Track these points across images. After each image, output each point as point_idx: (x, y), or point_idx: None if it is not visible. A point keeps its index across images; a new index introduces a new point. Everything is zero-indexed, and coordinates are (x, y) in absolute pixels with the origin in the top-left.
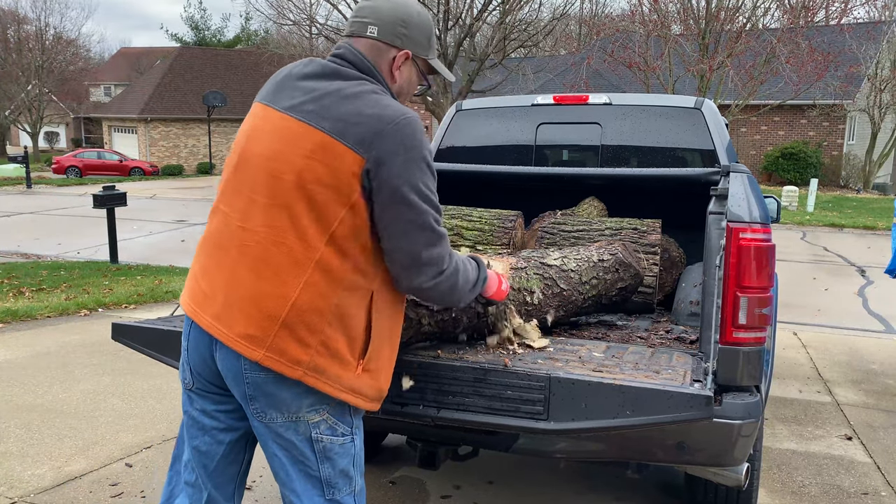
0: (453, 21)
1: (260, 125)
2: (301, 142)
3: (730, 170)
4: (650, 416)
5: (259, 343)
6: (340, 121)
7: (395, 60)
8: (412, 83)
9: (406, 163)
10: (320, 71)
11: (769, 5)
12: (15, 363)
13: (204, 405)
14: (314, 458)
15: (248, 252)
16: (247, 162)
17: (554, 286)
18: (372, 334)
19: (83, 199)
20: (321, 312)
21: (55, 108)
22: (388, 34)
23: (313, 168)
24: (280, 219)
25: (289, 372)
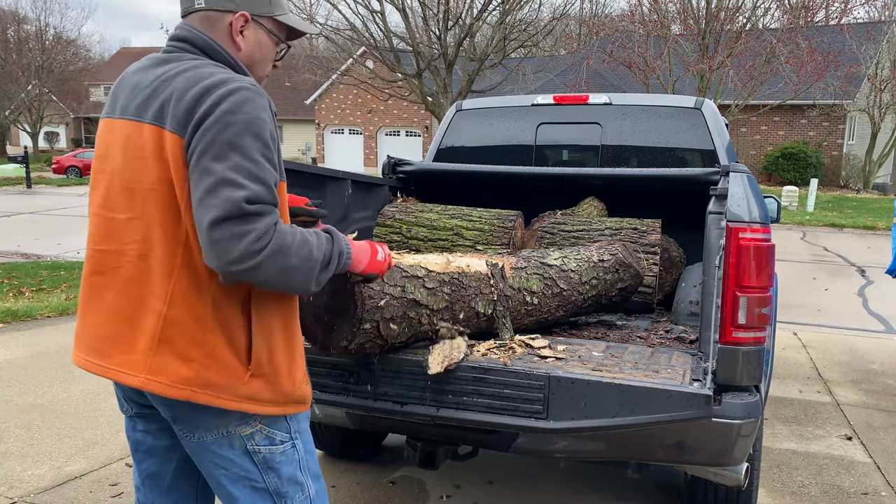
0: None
1: (106, 140)
2: (137, 142)
3: (730, 170)
4: (649, 416)
5: (137, 367)
6: (161, 105)
7: (231, 27)
8: (265, 47)
9: (219, 126)
10: (146, 64)
11: (769, 5)
12: (15, 363)
13: (146, 426)
14: (256, 469)
15: (113, 274)
16: (100, 183)
17: (554, 286)
18: (255, 336)
19: (83, 199)
20: (198, 319)
21: (55, 108)
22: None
23: (153, 165)
24: (140, 230)
25: (175, 394)
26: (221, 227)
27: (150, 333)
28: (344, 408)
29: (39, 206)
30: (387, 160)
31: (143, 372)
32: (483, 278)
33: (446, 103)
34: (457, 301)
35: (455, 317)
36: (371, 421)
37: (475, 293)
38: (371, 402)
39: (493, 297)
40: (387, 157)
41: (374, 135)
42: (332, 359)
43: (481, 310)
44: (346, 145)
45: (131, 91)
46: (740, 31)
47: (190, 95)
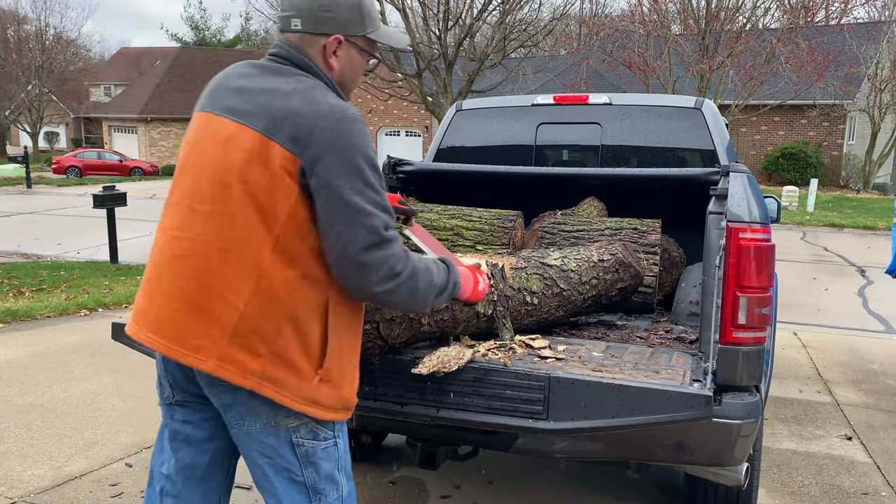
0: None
1: (200, 134)
2: (239, 144)
3: (730, 170)
4: (650, 416)
5: (208, 353)
6: (274, 119)
7: (326, 49)
8: (355, 66)
9: (343, 160)
10: (257, 71)
11: (769, 5)
12: (15, 363)
13: (186, 416)
14: (297, 463)
15: (190, 262)
16: (187, 172)
17: (554, 286)
18: (329, 343)
19: (83, 199)
20: (273, 320)
21: (55, 108)
22: (311, 24)
23: (252, 171)
24: (224, 225)
25: (241, 382)
26: (369, 253)
27: (224, 325)
28: None
29: (39, 206)
30: (387, 160)
31: (213, 358)
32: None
33: (446, 103)
34: (457, 301)
35: (455, 317)
36: (371, 421)
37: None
38: (371, 403)
39: (493, 298)
40: (387, 157)
41: (374, 135)
42: None
43: (481, 310)
44: None
45: (238, 94)
46: (740, 31)
47: (309, 119)
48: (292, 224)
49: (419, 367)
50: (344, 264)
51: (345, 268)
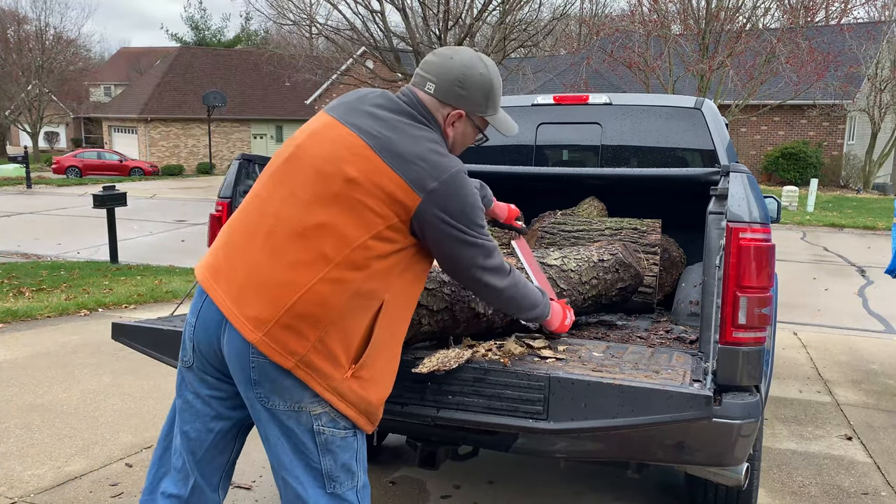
0: (453, 21)
1: (323, 131)
2: (360, 159)
3: (730, 170)
4: (650, 416)
5: (260, 326)
6: (402, 157)
7: (448, 118)
8: (466, 137)
9: (457, 212)
10: (393, 105)
11: (769, 5)
12: (15, 363)
13: (198, 388)
14: (315, 449)
15: (274, 240)
16: (299, 158)
17: (554, 286)
18: (370, 342)
19: (83, 199)
20: (328, 310)
21: (55, 108)
22: (444, 93)
23: (365, 185)
24: (316, 216)
25: (281, 360)
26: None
27: (281, 304)
28: None
29: (39, 206)
30: None
31: (261, 332)
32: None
33: None
34: (457, 302)
35: (455, 317)
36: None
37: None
38: None
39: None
40: None
41: None
42: None
43: (481, 311)
44: None
45: (370, 118)
46: (740, 31)
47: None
48: (379, 241)
49: (419, 366)
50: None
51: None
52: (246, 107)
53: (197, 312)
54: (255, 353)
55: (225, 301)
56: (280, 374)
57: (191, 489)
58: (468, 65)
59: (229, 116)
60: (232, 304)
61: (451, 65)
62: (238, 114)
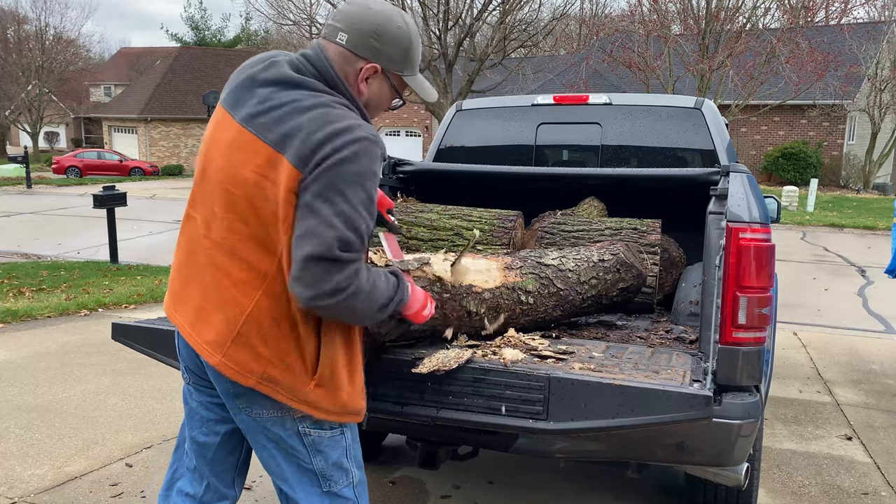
0: (453, 21)
1: (219, 136)
2: (251, 156)
3: (730, 170)
4: (650, 416)
5: (217, 349)
6: (287, 135)
7: (361, 72)
8: (383, 97)
9: (334, 171)
10: (280, 78)
11: (769, 5)
12: (15, 363)
13: (201, 398)
14: (305, 451)
15: (212, 261)
16: (207, 173)
17: (550, 286)
18: (322, 351)
19: (83, 199)
20: (277, 324)
21: (55, 108)
22: (357, 44)
23: (261, 184)
24: (236, 232)
25: (242, 380)
26: (312, 266)
27: (231, 324)
28: None
29: (39, 206)
30: (387, 160)
31: (219, 354)
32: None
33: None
34: (447, 301)
35: (446, 315)
36: (371, 421)
37: (466, 292)
38: (371, 403)
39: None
40: (387, 157)
41: None
42: None
43: (473, 309)
44: None
45: (260, 102)
46: (740, 31)
47: (317, 137)
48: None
49: (419, 366)
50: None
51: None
52: None
53: (177, 335)
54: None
55: (185, 328)
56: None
57: (205, 488)
58: (386, 17)
59: None
60: (191, 330)
61: (367, 15)
62: None
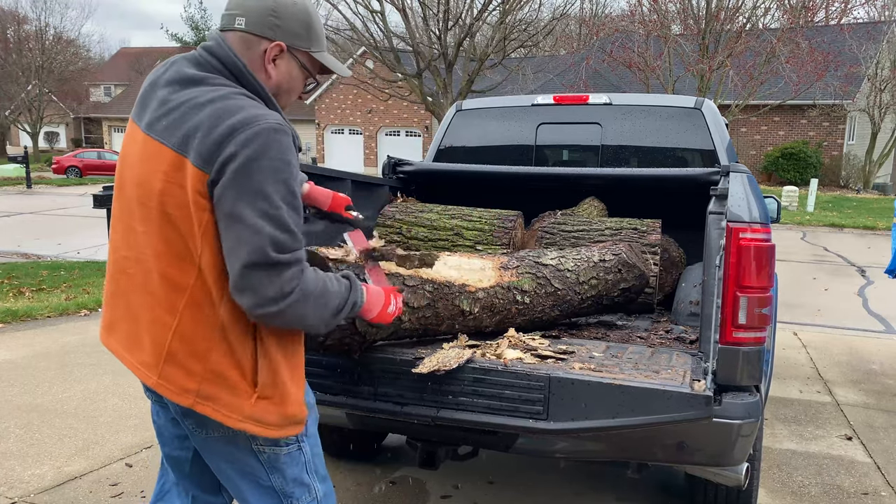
0: (453, 21)
1: (130, 149)
2: (157, 164)
3: (730, 170)
4: (650, 416)
5: (152, 369)
6: (187, 135)
7: (266, 53)
8: (294, 79)
9: (246, 171)
10: (177, 77)
11: (769, 5)
12: (15, 363)
13: (166, 414)
14: (262, 468)
15: (133, 280)
16: (122, 189)
17: (547, 285)
18: (260, 360)
19: (83, 199)
20: (206, 338)
21: (55, 108)
22: (256, 25)
23: (171, 191)
24: (153, 245)
25: (180, 400)
26: (251, 274)
27: (160, 343)
28: (344, 408)
29: (39, 206)
30: (387, 160)
31: (155, 376)
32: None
33: (446, 103)
34: (439, 299)
35: (438, 314)
36: (371, 421)
37: (459, 291)
38: (371, 403)
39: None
40: (387, 157)
41: (375, 135)
42: (332, 360)
43: (466, 308)
44: (346, 145)
45: (160, 106)
46: (740, 31)
47: (217, 133)
48: (209, 242)
49: (419, 366)
50: (234, 282)
51: (235, 286)
52: None
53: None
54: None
55: (122, 353)
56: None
57: (192, 500)
58: None
59: None
60: (127, 354)
61: None
62: None
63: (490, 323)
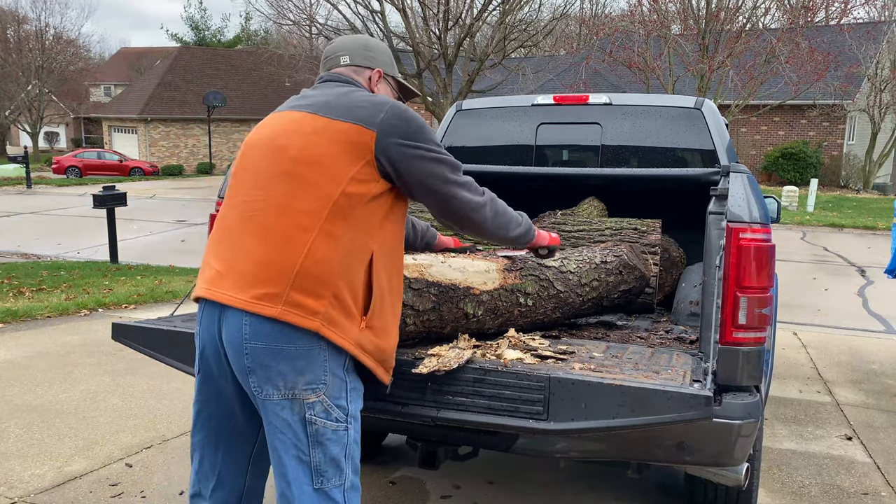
0: (453, 21)
1: (266, 122)
2: (307, 123)
3: (730, 170)
4: (650, 416)
5: (275, 300)
6: (343, 107)
7: (371, 79)
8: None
9: (410, 128)
10: (313, 89)
11: (769, 5)
12: (15, 363)
13: (210, 389)
14: (306, 440)
15: (254, 221)
16: (249, 148)
17: (550, 288)
18: (373, 293)
19: (83, 199)
20: (331, 266)
21: (55, 108)
22: (358, 58)
23: (318, 142)
24: (286, 186)
25: (307, 323)
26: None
27: (288, 272)
28: None
29: (39, 206)
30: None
31: (279, 304)
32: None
33: (446, 103)
34: (444, 302)
35: (442, 317)
36: (371, 421)
37: (463, 294)
38: (371, 403)
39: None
40: None
41: None
42: None
43: (470, 311)
44: None
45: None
46: (740, 31)
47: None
48: (355, 186)
49: (420, 366)
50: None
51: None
52: (246, 107)
53: (199, 321)
54: (249, 338)
55: (228, 294)
56: (274, 359)
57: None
58: (362, 36)
59: (229, 116)
60: (241, 294)
61: (350, 39)
62: (238, 114)
63: (493, 325)
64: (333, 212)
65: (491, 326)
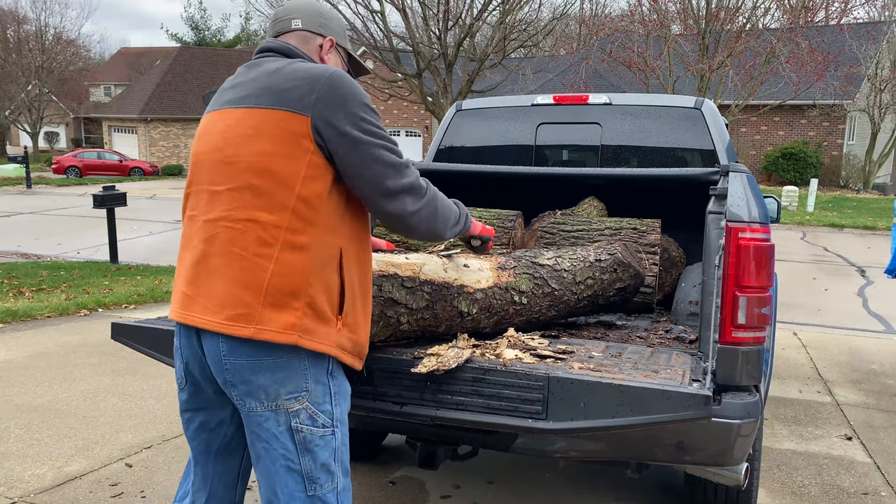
0: (453, 21)
1: (207, 128)
2: (244, 124)
3: (729, 170)
4: (649, 416)
5: (247, 319)
6: (274, 91)
7: (322, 48)
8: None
9: (347, 108)
10: (246, 69)
11: (769, 5)
12: (15, 363)
13: (197, 403)
14: (295, 449)
15: (218, 240)
16: (200, 162)
17: (545, 286)
18: (345, 289)
19: (83, 199)
20: (301, 277)
21: (55, 108)
22: (311, 24)
23: (261, 143)
24: (242, 201)
25: (283, 338)
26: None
27: (257, 287)
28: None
29: (39, 206)
30: None
31: (252, 324)
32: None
33: (446, 103)
34: (438, 300)
35: (436, 315)
36: (371, 421)
37: (457, 292)
38: (371, 403)
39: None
40: None
41: None
42: None
43: (464, 309)
44: None
45: (233, 89)
46: (740, 31)
47: (307, 83)
48: (310, 184)
49: (419, 366)
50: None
51: (382, 195)
52: None
53: (178, 337)
54: (227, 354)
55: (201, 317)
56: (254, 373)
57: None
58: (315, 1)
59: None
60: (213, 317)
61: (304, 2)
62: None
63: (488, 324)
64: (294, 220)
65: (486, 325)
